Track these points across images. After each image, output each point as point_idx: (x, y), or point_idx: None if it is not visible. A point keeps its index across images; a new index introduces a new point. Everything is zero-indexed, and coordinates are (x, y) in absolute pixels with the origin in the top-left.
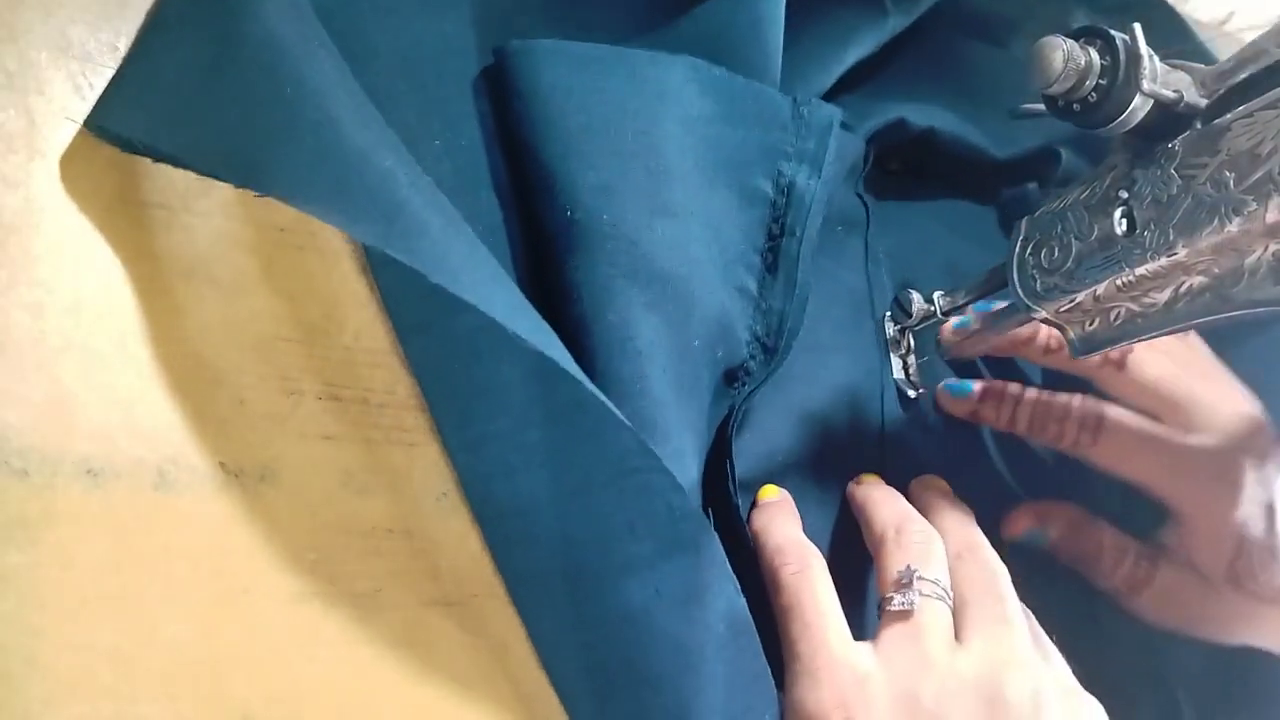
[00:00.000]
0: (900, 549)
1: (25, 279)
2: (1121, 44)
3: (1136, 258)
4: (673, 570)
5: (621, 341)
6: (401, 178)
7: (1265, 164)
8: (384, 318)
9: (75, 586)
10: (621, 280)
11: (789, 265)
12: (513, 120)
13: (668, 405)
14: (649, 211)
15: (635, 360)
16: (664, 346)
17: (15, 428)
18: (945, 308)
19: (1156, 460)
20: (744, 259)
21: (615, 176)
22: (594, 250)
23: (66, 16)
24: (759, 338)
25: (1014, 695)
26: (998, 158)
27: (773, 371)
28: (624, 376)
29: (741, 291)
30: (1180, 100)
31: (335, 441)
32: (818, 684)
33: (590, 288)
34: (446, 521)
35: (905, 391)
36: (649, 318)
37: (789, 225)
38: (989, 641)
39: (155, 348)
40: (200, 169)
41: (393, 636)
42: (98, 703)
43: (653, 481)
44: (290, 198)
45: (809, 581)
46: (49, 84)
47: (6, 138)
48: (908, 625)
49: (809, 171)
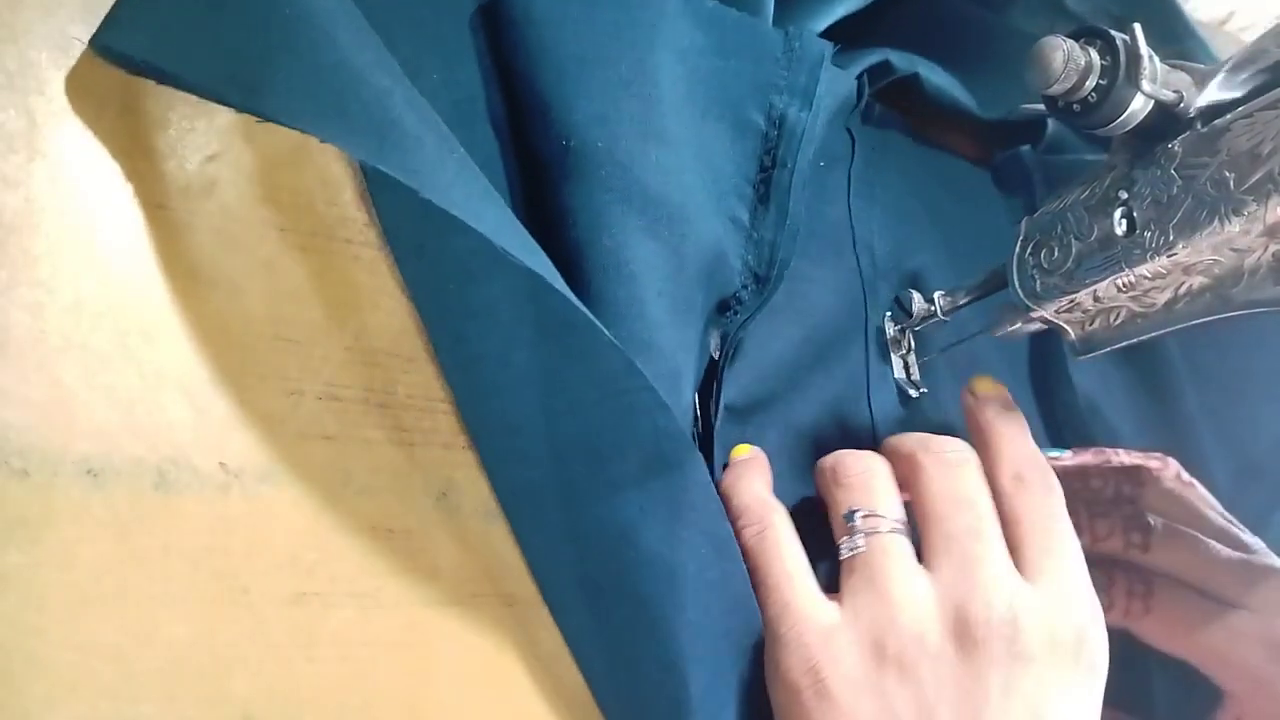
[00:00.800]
0: (840, 489)
1: (25, 279)
2: (1121, 44)
3: (1136, 258)
4: (658, 489)
5: (617, 265)
6: (398, 97)
7: (1265, 164)
8: (384, 318)
9: (75, 586)
10: (616, 205)
11: (780, 196)
12: (508, 52)
13: (663, 327)
14: (643, 139)
15: (630, 283)
16: (659, 270)
17: (15, 428)
18: (945, 308)
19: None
20: (737, 190)
21: (609, 105)
22: (589, 177)
23: (66, 16)
24: (751, 268)
25: (981, 625)
26: (985, 119)
27: (765, 301)
28: (619, 299)
29: (734, 222)
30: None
31: (335, 441)
32: (785, 648)
33: (585, 213)
34: (446, 521)
35: (906, 391)
36: (644, 242)
37: (781, 157)
38: (953, 561)
39: (155, 348)
40: (202, 88)
41: (393, 636)
42: (98, 703)
43: (639, 401)
44: (288, 116)
45: (771, 542)
46: (49, 84)
47: (6, 138)
48: (863, 569)
49: (800, 104)
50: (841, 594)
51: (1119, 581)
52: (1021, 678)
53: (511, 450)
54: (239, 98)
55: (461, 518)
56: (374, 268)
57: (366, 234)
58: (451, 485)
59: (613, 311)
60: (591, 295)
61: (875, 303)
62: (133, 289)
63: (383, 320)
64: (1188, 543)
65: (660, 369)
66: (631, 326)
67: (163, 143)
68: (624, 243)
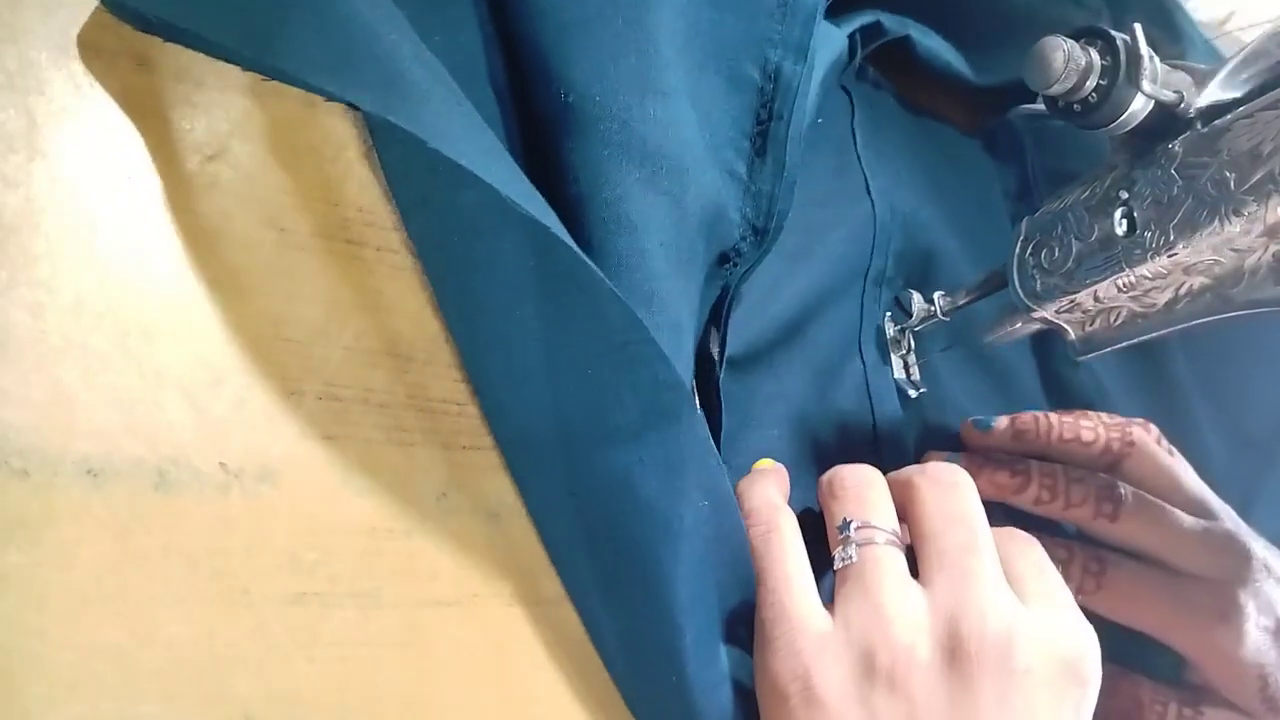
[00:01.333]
0: (835, 500)
1: (25, 279)
2: (1121, 44)
3: (1136, 258)
4: (656, 440)
5: (618, 217)
6: (406, 51)
7: (1265, 164)
8: (384, 318)
9: (75, 586)
10: (616, 159)
11: (777, 148)
12: (508, 13)
13: (665, 277)
14: (640, 94)
15: (632, 234)
16: (660, 221)
17: (15, 428)
18: (945, 308)
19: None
20: (733, 143)
21: (607, 61)
22: (588, 132)
23: (66, 16)
24: (749, 220)
25: (975, 639)
26: (977, 84)
27: (764, 253)
28: (621, 250)
29: (732, 175)
30: (1180, 100)
31: (335, 441)
32: (777, 653)
33: (586, 169)
34: (446, 521)
35: (906, 391)
36: (644, 194)
37: (777, 110)
38: (947, 576)
39: (155, 348)
40: (212, 43)
41: (393, 636)
42: (98, 703)
43: (640, 352)
44: (298, 70)
45: (775, 544)
46: (49, 84)
47: (6, 138)
48: (856, 580)
49: (795, 58)
50: (835, 604)
51: (1076, 559)
52: (1014, 692)
53: (514, 401)
54: (250, 52)
55: (461, 518)
56: (374, 268)
57: (366, 234)
58: (451, 485)
59: (615, 263)
60: (594, 248)
61: (884, 248)
62: (133, 289)
63: (383, 320)
64: (1155, 514)
65: (663, 320)
66: (634, 277)
67: (163, 143)
68: (624, 195)
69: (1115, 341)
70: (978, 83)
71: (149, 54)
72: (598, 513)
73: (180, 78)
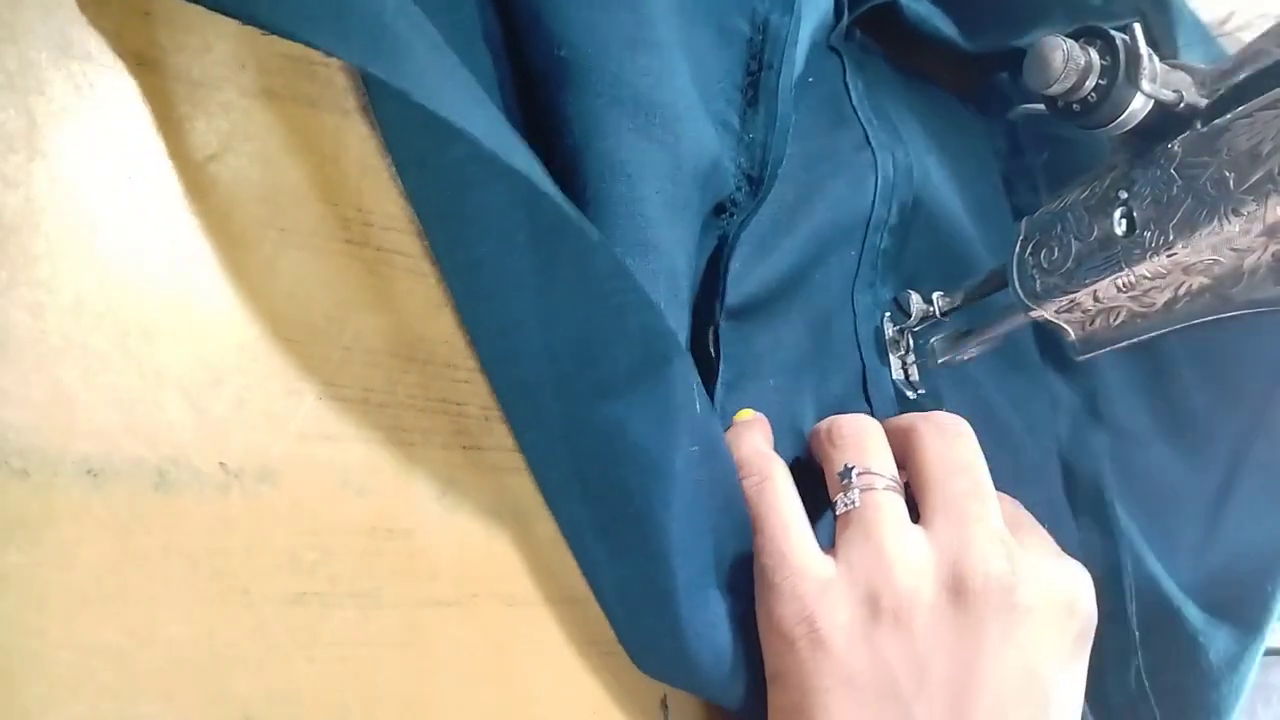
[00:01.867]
0: (834, 448)
1: (25, 279)
2: (1121, 44)
3: (1136, 258)
4: (646, 388)
5: (613, 166)
6: (389, 3)
7: (1265, 164)
8: (384, 318)
9: (75, 586)
10: (609, 109)
11: (769, 97)
12: None
13: (661, 225)
14: (632, 47)
15: (627, 182)
16: (655, 169)
17: (15, 428)
18: (944, 308)
19: None
20: (725, 95)
21: (599, 14)
22: (582, 84)
23: (66, 16)
24: (744, 170)
25: (979, 577)
26: (965, 49)
27: (760, 201)
28: (616, 198)
29: (725, 126)
30: (1180, 100)
31: (335, 441)
32: (780, 597)
33: (580, 120)
34: (446, 521)
35: (904, 393)
36: (638, 143)
37: (766, 60)
38: (950, 520)
39: (155, 348)
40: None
41: (393, 636)
42: (98, 703)
43: (628, 301)
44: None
45: (769, 492)
46: (49, 84)
47: (6, 138)
48: (858, 524)
49: (782, 9)
50: (836, 548)
51: None
52: (1017, 628)
53: (508, 350)
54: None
55: (461, 518)
56: (374, 268)
57: (366, 234)
58: (451, 485)
59: (610, 211)
60: (589, 197)
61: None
62: (133, 289)
63: (383, 320)
64: None
65: (659, 266)
66: (629, 225)
67: (163, 143)
68: (619, 144)
69: (1115, 341)
70: (967, 48)
71: (149, 54)
72: (590, 458)
73: (180, 78)
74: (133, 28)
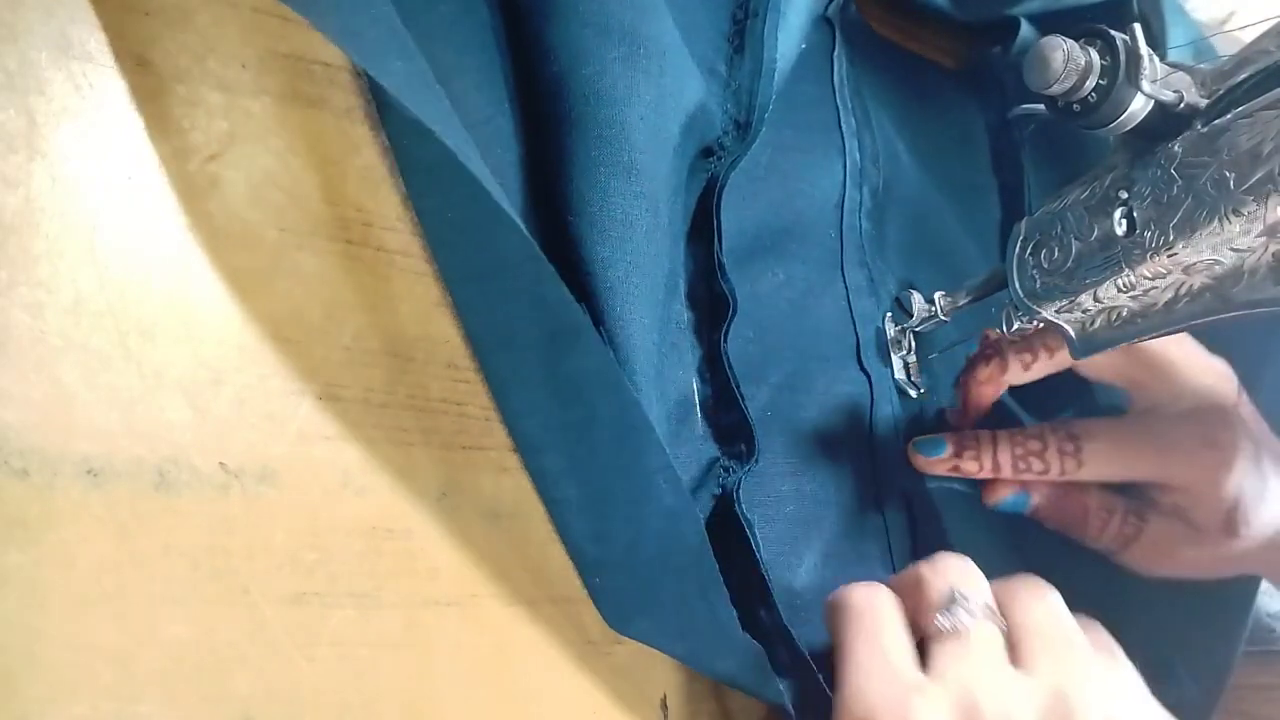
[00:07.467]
0: (937, 574)
1: (25, 279)
2: (1121, 44)
3: (1136, 258)
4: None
5: (597, 92)
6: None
7: (1265, 164)
8: (384, 318)
9: (75, 586)
10: (595, 38)
11: (755, 44)
12: None
13: (645, 151)
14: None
15: (611, 107)
16: (639, 96)
17: (15, 428)
18: (946, 308)
19: (1140, 452)
20: (712, 43)
21: None
22: (567, 13)
23: (66, 16)
24: (732, 115)
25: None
26: (959, 19)
27: (749, 145)
28: (600, 120)
29: (712, 73)
30: (1180, 100)
31: (335, 441)
32: (870, 684)
33: (566, 48)
34: (446, 521)
35: (906, 392)
36: (624, 71)
37: (753, 8)
38: (1055, 662)
39: (155, 348)
40: None
41: (393, 636)
42: (98, 703)
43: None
44: None
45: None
46: (49, 84)
47: (6, 138)
48: (959, 644)
49: None
50: (929, 663)
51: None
52: None
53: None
54: None
55: (461, 518)
56: (374, 268)
57: (366, 234)
58: (451, 485)
59: (594, 134)
60: (573, 121)
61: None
62: (133, 289)
63: (383, 320)
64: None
65: (641, 189)
66: (613, 148)
67: (163, 143)
68: (604, 70)
69: (1115, 341)
70: (959, 18)
71: (149, 54)
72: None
73: (180, 78)
74: (133, 28)
